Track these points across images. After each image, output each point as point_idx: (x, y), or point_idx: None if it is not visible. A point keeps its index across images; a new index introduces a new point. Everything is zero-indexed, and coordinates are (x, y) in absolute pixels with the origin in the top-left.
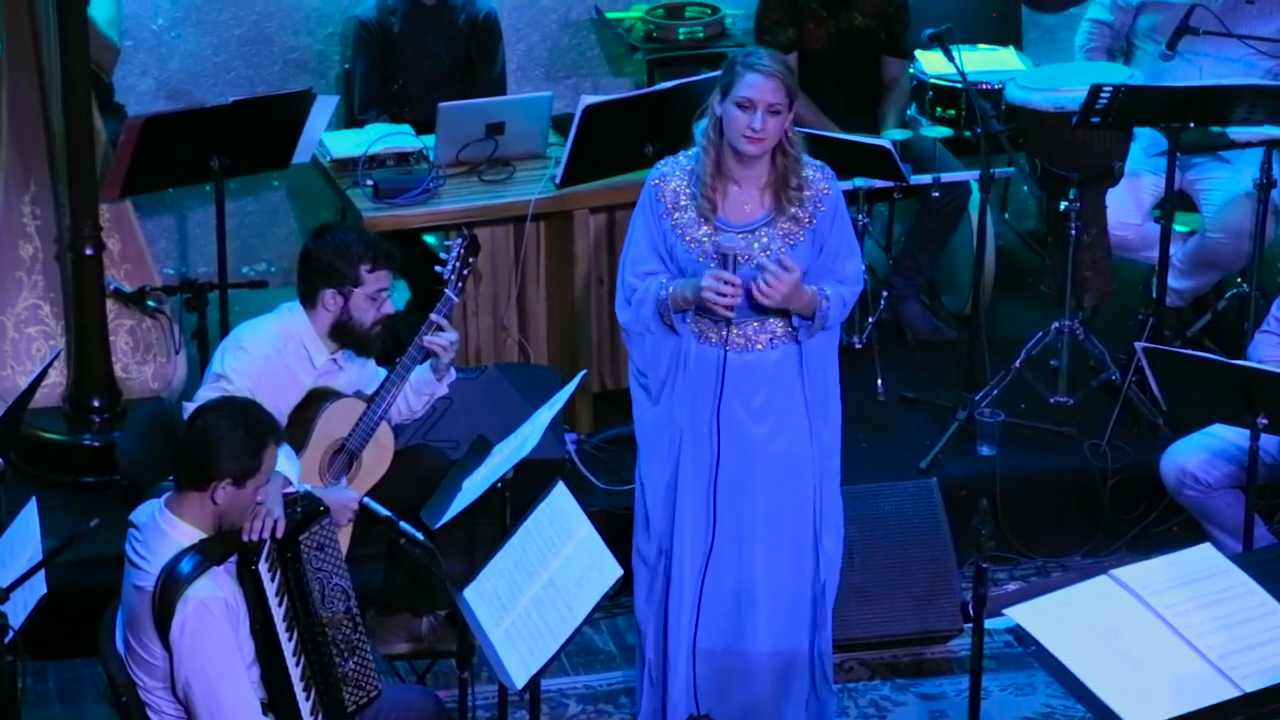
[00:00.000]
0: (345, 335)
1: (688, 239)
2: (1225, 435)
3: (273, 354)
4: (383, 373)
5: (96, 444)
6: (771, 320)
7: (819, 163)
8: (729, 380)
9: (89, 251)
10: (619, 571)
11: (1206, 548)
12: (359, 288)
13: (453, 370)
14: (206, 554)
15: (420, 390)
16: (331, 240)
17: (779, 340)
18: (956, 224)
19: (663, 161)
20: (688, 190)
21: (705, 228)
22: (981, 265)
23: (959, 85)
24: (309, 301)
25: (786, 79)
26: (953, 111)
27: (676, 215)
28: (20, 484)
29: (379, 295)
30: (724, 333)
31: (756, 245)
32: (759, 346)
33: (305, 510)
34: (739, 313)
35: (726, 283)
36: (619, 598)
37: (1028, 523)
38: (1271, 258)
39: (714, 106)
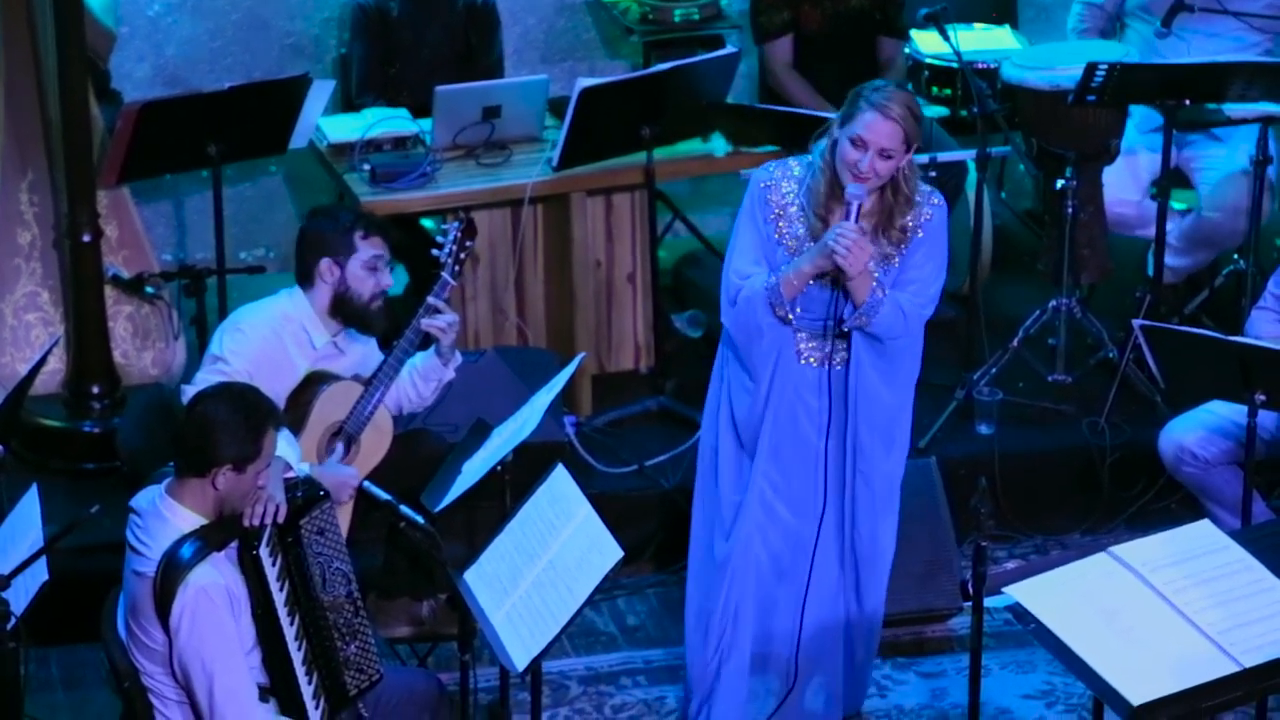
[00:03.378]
0: (345, 309)
1: (791, 252)
2: (1223, 412)
3: (271, 336)
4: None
5: (96, 430)
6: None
7: (929, 189)
8: (799, 390)
9: (87, 238)
10: (619, 553)
11: (1205, 524)
12: (354, 255)
13: (457, 353)
14: (207, 540)
15: (428, 377)
16: (324, 214)
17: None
18: (953, 204)
19: (772, 164)
20: (797, 201)
21: (810, 245)
22: (979, 244)
23: (955, 65)
24: (307, 279)
25: (906, 123)
26: (949, 91)
27: (782, 225)
28: (21, 471)
29: (375, 263)
30: (828, 350)
31: None
32: (836, 364)
33: (305, 495)
34: (813, 326)
35: (851, 233)
36: (619, 579)
37: (1027, 501)
38: (1268, 234)
39: (833, 130)
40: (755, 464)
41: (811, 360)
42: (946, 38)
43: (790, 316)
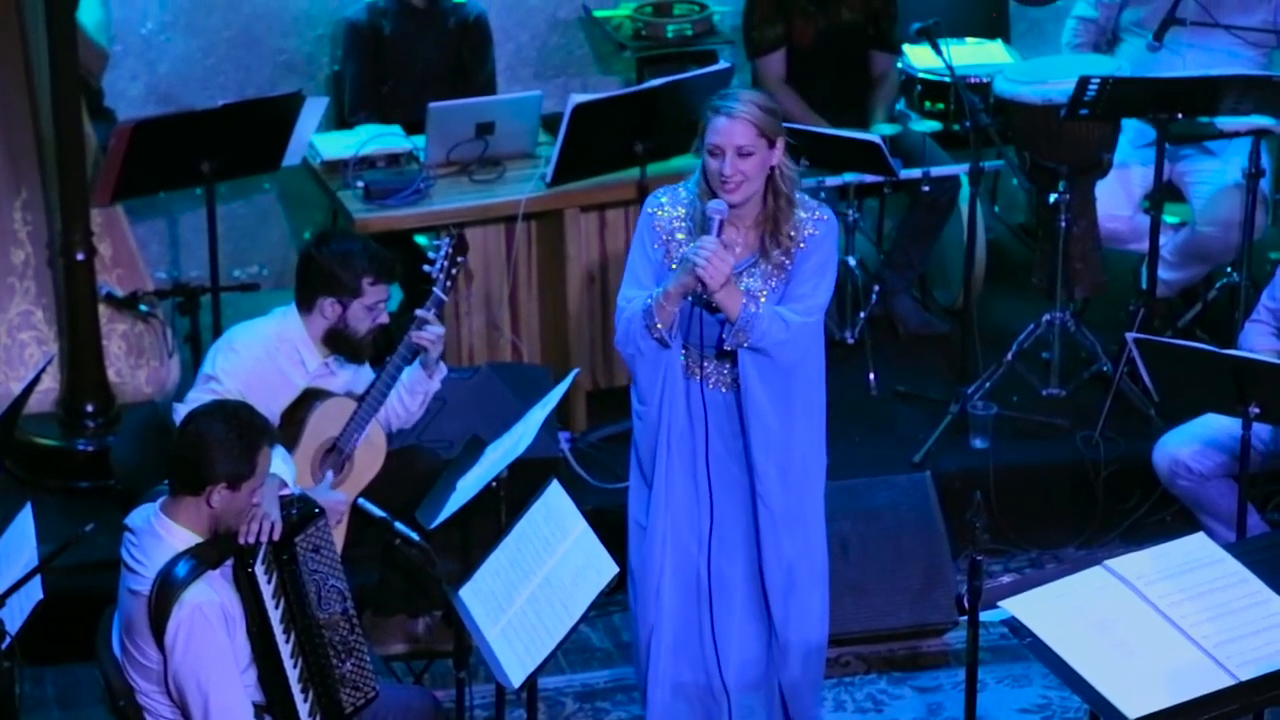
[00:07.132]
0: (338, 342)
1: None
2: (1217, 425)
3: (264, 356)
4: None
5: (91, 449)
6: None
7: (816, 204)
8: (693, 410)
9: (80, 256)
10: (615, 569)
11: (1200, 537)
12: (358, 299)
13: (443, 366)
14: (202, 558)
15: (414, 390)
16: (336, 249)
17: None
18: (947, 218)
19: (661, 190)
20: (683, 225)
21: None
22: (972, 259)
23: (947, 79)
24: (305, 306)
25: (755, 118)
26: (941, 105)
27: (672, 248)
28: (15, 489)
29: (376, 306)
30: (701, 367)
31: (740, 286)
32: (722, 386)
33: (301, 512)
34: (709, 350)
35: (711, 244)
36: (615, 595)
37: (1022, 515)
38: (1261, 247)
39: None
40: (655, 486)
41: (722, 386)
42: (939, 52)
43: (668, 341)
